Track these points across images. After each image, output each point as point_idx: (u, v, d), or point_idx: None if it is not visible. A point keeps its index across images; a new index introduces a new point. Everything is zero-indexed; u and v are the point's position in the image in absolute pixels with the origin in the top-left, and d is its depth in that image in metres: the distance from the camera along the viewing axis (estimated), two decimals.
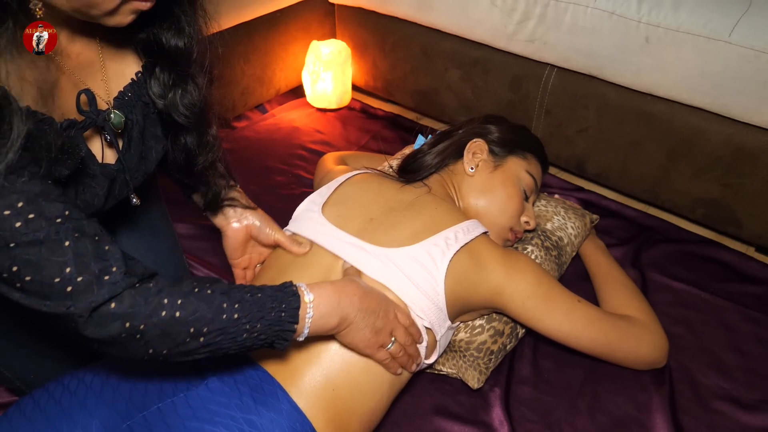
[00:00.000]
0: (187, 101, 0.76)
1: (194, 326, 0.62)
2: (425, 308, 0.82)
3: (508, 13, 1.36)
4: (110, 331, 0.58)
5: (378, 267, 0.82)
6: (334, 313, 0.71)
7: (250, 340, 0.65)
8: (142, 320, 0.59)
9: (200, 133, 0.82)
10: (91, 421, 0.68)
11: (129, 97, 0.74)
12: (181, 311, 0.61)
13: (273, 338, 0.67)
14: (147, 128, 0.77)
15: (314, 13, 1.76)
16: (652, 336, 0.94)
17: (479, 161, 1.01)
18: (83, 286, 0.57)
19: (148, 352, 0.61)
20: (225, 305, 0.64)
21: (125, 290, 0.59)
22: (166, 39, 0.72)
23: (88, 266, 0.57)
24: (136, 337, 0.60)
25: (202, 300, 0.63)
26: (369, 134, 1.66)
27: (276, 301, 0.67)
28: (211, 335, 0.63)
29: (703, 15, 1.15)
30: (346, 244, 0.85)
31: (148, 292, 0.61)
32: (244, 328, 0.65)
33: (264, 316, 0.66)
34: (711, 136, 1.23)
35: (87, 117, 0.68)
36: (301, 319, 0.68)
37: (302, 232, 0.89)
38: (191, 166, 0.84)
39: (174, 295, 0.62)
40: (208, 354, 0.64)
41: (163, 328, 0.60)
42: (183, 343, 0.62)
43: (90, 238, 0.59)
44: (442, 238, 0.85)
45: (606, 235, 1.29)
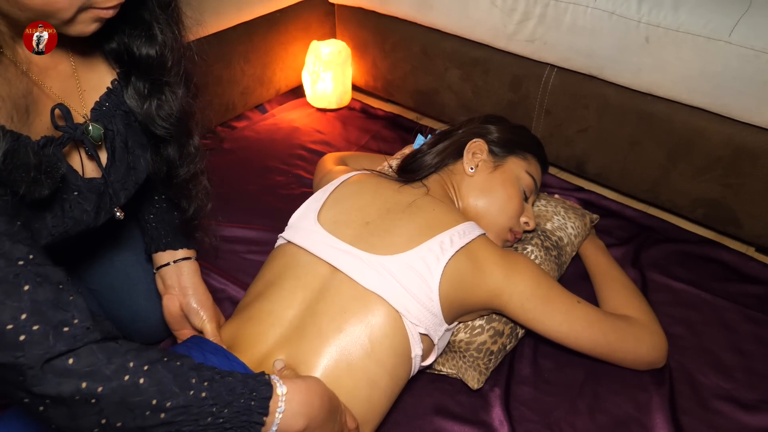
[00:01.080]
0: (164, 112, 0.73)
1: (157, 398, 0.56)
2: (419, 316, 0.82)
3: (508, 13, 1.36)
4: (63, 389, 0.52)
5: (372, 276, 0.82)
6: (305, 412, 0.64)
7: (213, 427, 0.59)
8: (101, 382, 0.54)
9: (181, 144, 0.78)
10: None
11: (106, 107, 0.72)
12: (147, 378, 0.56)
13: (238, 429, 0.60)
14: (131, 137, 0.74)
15: (314, 13, 1.76)
16: (651, 336, 0.94)
17: (479, 161, 1.01)
18: (38, 336, 0.52)
19: (100, 422, 0.55)
20: (194, 381, 0.59)
21: (85, 345, 0.54)
22: (137, 47, 0.69)
23: (45, 315, 0.53)
24: (90, 402, 0.53)
25: (170, 370, 0.58)
26: (369, 134, 1.66)
27: (247, 387, 0.62)
28: (174, 412, 0.57)
29: (703, 15, 1.14)
30: (340, 253, 0.85)
31: (112, 350, 0.56)
32: (210, 411, 0.59)
33: (232, 402, 0.60)
34: (711, 136, 1.23)
35: (64, 132, 0.65)
36: (271, 412, 0.62)
37: (296, 240, 0.89)
38: (172, 178, 0.80)
39: (140, 359, 0.57)
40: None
41: (123, 395, 0.54)
42: (141, 416, 0.55)
43: (53, 285, 0.55)
44: (437, 243, 0.84)
45: (606, 235, 1.29)
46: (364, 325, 0.80)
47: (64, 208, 0.67)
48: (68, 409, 0.54)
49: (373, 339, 0.79)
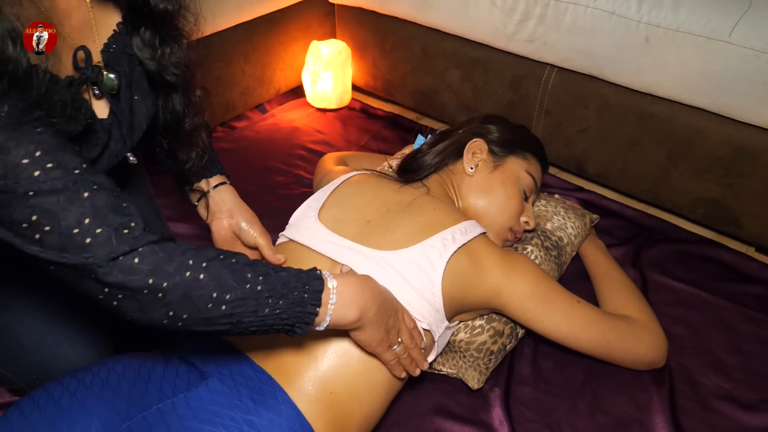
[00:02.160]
0: (175, 59, 0.77)
1: (217, 291, 0.60)
2: (422, 310, 0.82)
3: (508, 13, 1.36)
4: (131, 283, 0.57)
5: (375, 270, 0.82)
6: (356, 304, 0.70)
7: (272, 317, 0.64)
8: (166, 278, 0.58)
9: (187, 93, 0.82)
10: (90, 422, 0.68)
11: (114, 49, 0.74)
12: (206, 274, 0.60)
13: (294, 320, 0.66)
14: (134, 81, 0.77)
15: (314, 13, 1.76)
16: (651, 336, 0.94)
17: (479, 161, 1.01)
18: (102, 238, 0.56)
19: (168, 314, 0.59)
20: (249, 275, 0.63)
21: (146, 245, 0.58)
22: (154, 1, 0.72)
23: (106, 218, 0.57)
24: (158, 296, 0.58)
25: (227, 267, 0.62)
26: (369, 134, 1.66)
27: (300, 281, 0.66)
28: (234, 304, 0.61)
29: (703, 15, 1.14)
30: (343, 249, 0.85)
31: (172, 250, 0.60)
32: (267, 302, 0.63)
33: (287, 294, 0.65)
34: (711, 136, 1.23)
35: (82, 73, 0.67)
36: (323, 304, 0.67)
37: (298, 238, 0.89)
38: (180, 127, 0.84)
39: (199, 257, 0.61)
40: (227, 327, 0.63)
41: (186, 289, 0.59)
42: (204, 308, 0.60)
43: (108, 191, 0.58)
44: (439, 240, 0.85)
45: (606, 235, 1.29)
46: None
47: (82, 148, 0.69)
48: (138, 303, 0.58)
49: None
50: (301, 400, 0.74)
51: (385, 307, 0.74)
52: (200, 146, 0.89)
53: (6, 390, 0.93)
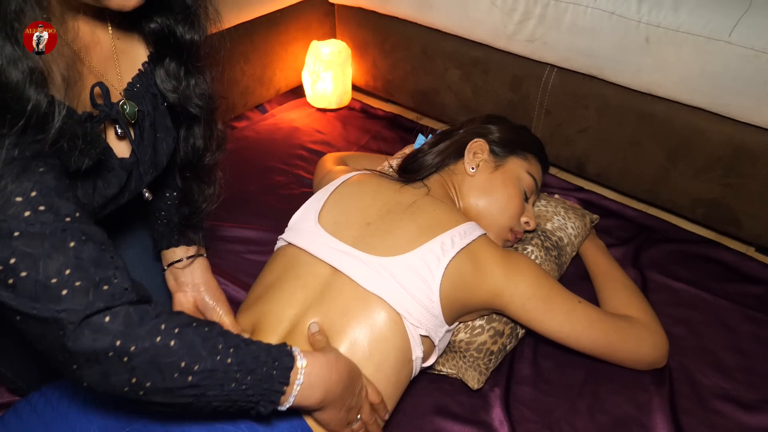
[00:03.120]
0: (199, 91, 0.76)
1: (186, 360, 0.58)
2: (420, 317, 0.82)
3: (508, 13, 1.36)
4: (97, 345, 0.54)
5: (373, 277, 0.82)
6: (322, 386, 0.67)
7: (237, 393, 0.61)
8: (135, 341, 0.55)
9: (209, 126, 0.81)
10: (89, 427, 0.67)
11: (138, 88, 0.73)
12: (177, 341, 0.58)
13: (259, 397, 0.62)
14: (157, 119, 0.76)
15: (314, 13, 1.76)
16: (652, 336, 0.94)
17: (480, 161, 1.01)
18: (79, 292, 0.54)
19: (131, 381, 0.56)
20: (220, 347, 0.60)
21: (122, 305, 0.56)
22: (181, 31, 0.71)
23: (87, 272, 0.55)
24: (123, 360, 0.55)
25: (199, 335, 0.60)
26: (369, 134, 1.66)
27: (270, 356, 0.63)
28: (201, 375, 0.58)
29: (703, 15, 1.14)
30: (341, 254, 0.85)
31: (145, 313, 0.57)
32: (235, 377, 0.60)
33: (256, 369, 0.62)
34: (711, 136, 1.23)
35: (101, 110, 0.67)
36: (291, 383, 0.64)
37: (297, 242, 0.89)
38: (200, 161, 0.82)
39: (171, 322, 0.58)
40: (190, 400, 0.59)
41: (154, 355, 0.56)
42: (170, 378, 0.57)
43: (96, 244, 0.56)
44: (438, 244, 0.84)
45: (606, 235, 1.29)
46: (364, 327, 0.80)
47: (97, 185, 0.68)
48: (101, 366, 0.55)
49: (373, 343, 0.79)
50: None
51: (350, 389, 0.71)
52: (215, 184, 0.87)
53: (5, 390, 0.93)
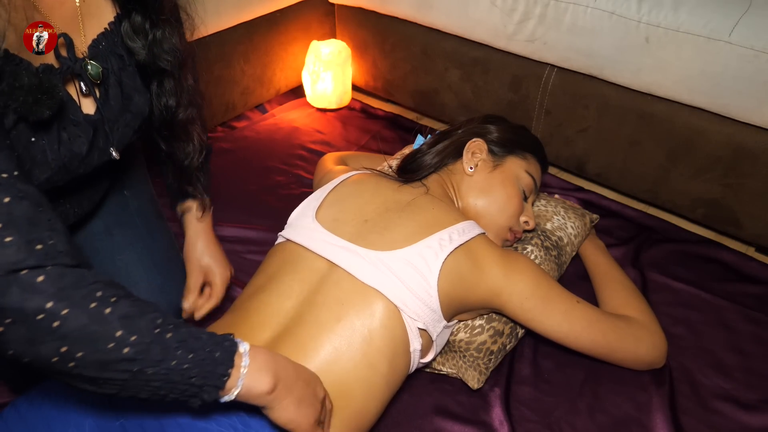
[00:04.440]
0: (167, 45, 0.77)
1: (122, 331, 0.54)
2: (418, 310, 0.82)
3: (508, 13, 1.36)
4: (27, 304, 0.51)
5: (371, 271, 0.82)
6: (270, 370, 0.63)
7: (177, 373, 0.57)
8: (68, 305, 0.52)
9: (179, 81, 0.82)
10: (84, 420, 0.68)
11: (103, 46, 0.74)
12: (113, 309, 0.55)
13: (202, 381, 0.59)
14: (124, 79, 0.77)
15: (314, 13, 1.76)
16: (651, 336, 0.94)
17: (478, 161, 1.01)
18: (10, 248, 0.51)
19: (60, 350, 0.52)
20: (159, 322, 0.58)
21: (56, 266, 0.53)
22: None
23: (20, 228, 0.52)
24: (53, 325, 0.52)
25: (137, 308, 0.57)
26: (369, 134, 1.66)
27: (212, 339, 0.61)
28: (137, 348, 0.55)
29: (703, 15, 1.14)
30: (339, 249, 0.85)
31: (81, 277, 0.55)
32: (175, 354, 0.57)
33: (197, 349, 0.59)
34: (711, 136, 1.23)
35: (63, 63, 0.67)
36: (235, 366, 0.61)
37: (296, 238, 0.89)
38: (174, 118, 0.84)
39: (109, 290, 0.56)
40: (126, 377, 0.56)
41: (87, 321, 0.53)
42: (104, 348, 0.54)
43: (33, 204, 0.54)
44: (435, 240, 0.84)
45: (606, 235, 1.29)
46: (362, 316, 0.80)
47: (62, 139, 0.68)
48: (28, 331, 0.52)
49: (372, 329, 0.80)
50: None
51: (303, 380, 0.67)
52: (196, 140, 0.88)
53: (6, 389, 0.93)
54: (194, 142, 0.88)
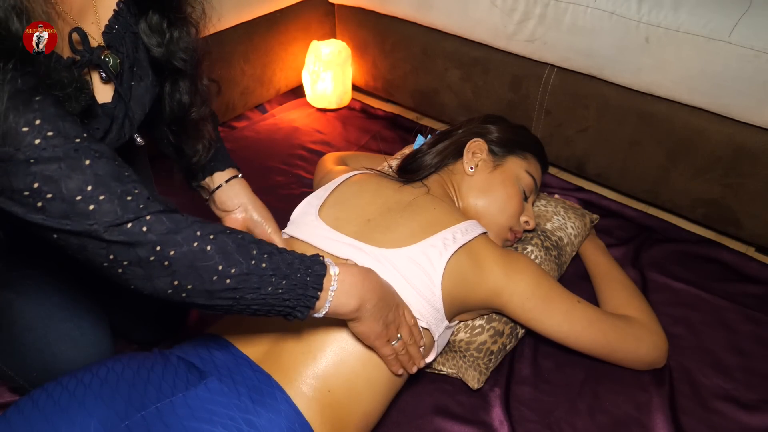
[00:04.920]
0: (183, 44, 0.77)
1: (223, 264, 0.61)
2: (422, 309, 0.82)
3: (508, 13, 1.36)
4: (138, 252, 0.57)
5: (375, 267, 0.82)
6: (356, 293, 0.70)
7: (273, 297, 0.64)
8: (173, 246, 0.58)
9: (194, 81, 0.82)
10: (89, 421, 0.68)
11: (116, 29, 0.73)
12: (213, 246, 0.60)
13: (295, 302, 0.65)
14: (136, 62, 0.76)
15: (314, 13, 1.76)
16: (651, 336, 0.94)
17: (479, 161, 1.01)
18: (106, 205, 0.56)
19: (173, 283, 0.59)
20: (254, 252, 0.63)
21: (153, 214, 0.58)
22: None
23: (109, 186, 0.57)
24: (164, 264, 0.58)
25: (233, 241, 0.63)
26: (369, 134, 1.66)
27: (303, 264, 0.66)
28: (238, 278, 0.62)
29: (703, 15, 1.14)
30: (343, 246, 0.85)
31: (179, 220, 0.60)
32: (270, 281, 0.63)
33: (290, 275, 0.65)
34: (711, 136, 1.23)
35: (81, 56, 0.67)
36: (324, 289, 0.67)
37: (299, 235, 0.89)
38: (187, 116, 0.84)
39: (206, 228, 0.61)
40: (230, 303, 0.63)
41: (192, 259, 0.59)
42: (209, 280, 0.60)
43: (110, 159, 0.58)
44: (439, 239, 0.85)
45: (606, 235, 1.29)
46: None
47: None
48: (144, 270, 0.58)
49: None
50: (299, 398, 0.74)
51: (385, 300, 0.74)
52: (207, 138, 0.88)
53: (6, 389, 0.93)
54: (204, 141, 0.88)
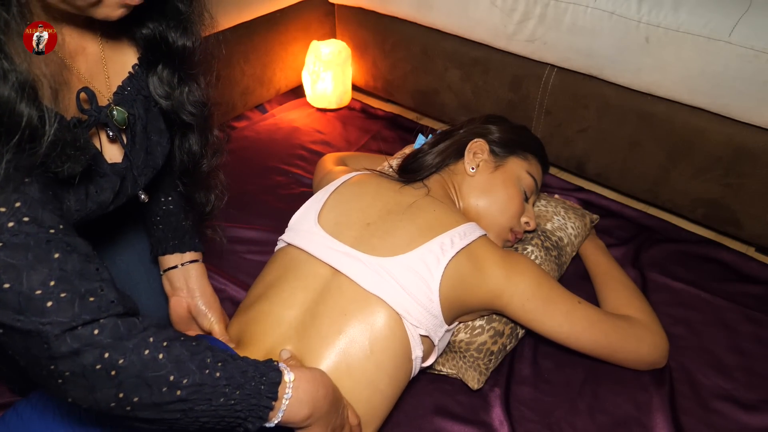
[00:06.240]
0: (193, 99, 0.75)
1: (175, 374, 0.57)
2: (420, 317, 0.82)
3: (508, 13, 1.36)
4: (84, 359, 0.53)
5: (373, 278, 0.82)
6: (310, 400, 0.66)
7: (225, 408, 0.60)
8: (122, 354, 0.54)
9: (204, 134, 0.81)
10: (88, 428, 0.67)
11: (129, 91, 0.73)
12: (165, 354, 0.57)
13: (247, 413, 0.61)
14: (150, 122, 0.76)
15: (314, 13, 1.76)
16: (652, 336, 0.94)
17: (480, 161, 1.01)
18: (65, 304, 0.53)
19: (118, 396, 0.55)
20: (209, 361, 0.60)
21: (110, 317, 0.55)
22: (173, 38, 0.70)
23: (73, 283, 0.54)
24: (110, 374, 0.54)
25: (187, 349, 0.59)
26: (369, 134, 1.66)
27: (258, 371, 0.63)
28: (189, 390, 0.58)
29: (703, 15, 1.14)
30: (341, 255, 0.85)
31: (133, 325, 0.57)
32: (223, 391, 0.60)
33: (244, 384, 0.61)
34: (711, 136, 1.23)
35: (89, 115, 0.66)
36: (279, 398, 0.63)
37: (297, 243, 0.89)
38: (198, 168, 0.82)
39: (159, 336, 0.58)
40: (178, 416, 0.59)
41: (142, 368, 0.55)
42: (158, 392, 0.56)
43: (81, 256, 0.56)
44: (437, 244, 0.84)
45: (606, 235, 1.29)
46: (364, 327, 0.80)
47: (89, 191, 0.67)
48: (87, 381, 0.54)
49: (373, 341, 0.79)
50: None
51: (335, 405, 0.70)
52: (219, 188, 0.87)
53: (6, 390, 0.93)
54: (216, 191, 0.87)
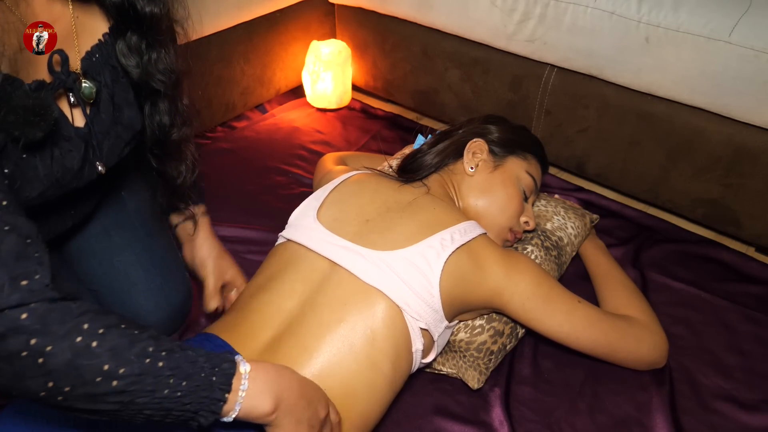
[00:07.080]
0: (162, 66, 0.75)
1: (110, 364, 0.53)
2: (420, 310, 0.82)
3: (508, 13, 1.36)
4: (9, 344, 0.50)
5: (373, 271, 0.82)
6: (271, 392, 0.61)
7: (170, 401, 0.55)
8: (52, 341, 0.51)
9: (174, 101, 0.81)
10: None
11: (97, 58, 0.73)
12: (100, 342, 0.53)
13: (198, 406, 0.57)
14: (117, 92, 0.76)
15: (314, 13, 1.76)
16: (652, 336, 0.94)
17: (479, 161, 1.01)
18: None
19: (47, 385, 0.51)
20: (151, 349, 0.56)
21: (41, 302, 0.52)
22: (141, 4, 0.70)
23: (6, 264, 0.51)
24: (38, 362, 0.50)
25: (126, 337, 0.55)
26: (369, 134, 1.66)
27: (209, 362, 0.59)
28: (127, 381, 0.53)
29: (703, 15, 1.15)
30: (341, 249, 0.85)
31: (67, 311, 0.53)
32: (167, 382, 0.55)
33: (193, 374, 0.57)
34: (711, 136, 1.23)
35: (56, 78, 0.65)
36: (233, 390, 0.59)
37: (297, 238, 0.89)
38: (168, 138, 0.83)
39: (96, 322, 0.54)
40: (116, 407, 0.54)
41: (73, 356, 0.51)
42: (92, 382, 0.52)
43: (21, 237, 0.53)
44: (437, 240, 0.84)
45: (606, 235, 1.29)
46: (365, 316, 0.80)
47: (54, 154, 0.66)
48: (13, 368, 0.51)
49: (375, 329, 0.80)
50: None
51: (307, 398, 0.65)
52: (190, 159, 0.87)
53: None
54: (187, 162, 0.87)
